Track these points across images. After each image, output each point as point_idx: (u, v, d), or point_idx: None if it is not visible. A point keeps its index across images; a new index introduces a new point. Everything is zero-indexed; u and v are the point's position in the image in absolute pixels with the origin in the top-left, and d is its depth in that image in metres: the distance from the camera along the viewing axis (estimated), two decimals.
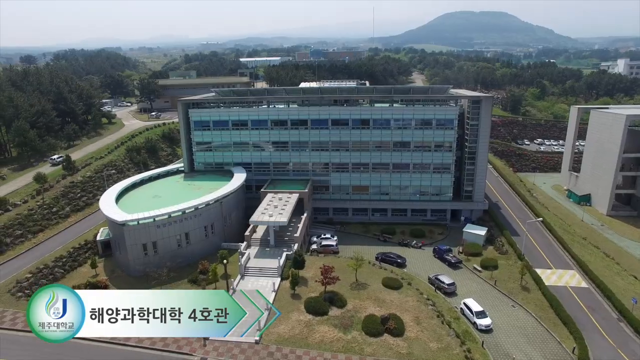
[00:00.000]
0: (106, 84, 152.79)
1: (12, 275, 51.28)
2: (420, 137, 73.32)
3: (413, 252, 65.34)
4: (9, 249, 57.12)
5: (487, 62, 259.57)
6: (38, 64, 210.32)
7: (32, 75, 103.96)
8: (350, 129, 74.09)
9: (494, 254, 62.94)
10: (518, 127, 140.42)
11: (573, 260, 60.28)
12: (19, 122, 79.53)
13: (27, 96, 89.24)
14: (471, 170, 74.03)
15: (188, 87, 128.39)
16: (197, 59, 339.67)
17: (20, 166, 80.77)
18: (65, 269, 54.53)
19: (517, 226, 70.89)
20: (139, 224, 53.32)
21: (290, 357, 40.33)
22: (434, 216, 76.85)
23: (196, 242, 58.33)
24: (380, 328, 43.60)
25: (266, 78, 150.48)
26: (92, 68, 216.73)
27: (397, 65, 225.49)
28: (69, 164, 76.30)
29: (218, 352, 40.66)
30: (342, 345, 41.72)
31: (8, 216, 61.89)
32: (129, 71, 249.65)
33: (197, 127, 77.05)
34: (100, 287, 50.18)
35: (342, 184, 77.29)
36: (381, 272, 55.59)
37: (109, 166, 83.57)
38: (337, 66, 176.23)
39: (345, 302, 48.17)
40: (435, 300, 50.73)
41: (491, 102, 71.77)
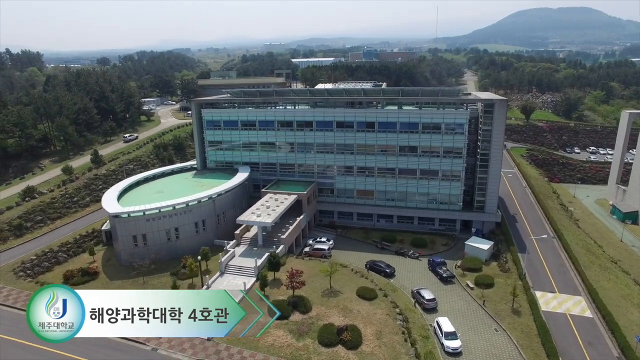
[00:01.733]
0: (155, 84, 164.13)
1: (20, 257, 57.02)
2: (427, 141, 69.69)
3: (408, 262, 62.37)
4: (28, 232, 63.50)
5: (551, 62, 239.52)
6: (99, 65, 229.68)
7: (82, 77, 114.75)
8: (355, 131, 72.46)
9: (494, 271, 58.17)
10: (568, 133, 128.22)
11: (583, 285, 53.84)
12: (60, 119, 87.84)
13: (73, 95, 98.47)
14: (483, 178, 68.97)
15: (225, 86, 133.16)
16: (253, 59, 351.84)
17: (60, 158, 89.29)
18: (69, 254, 59.46)
19: (530, 242, 64.79)
20: (130, 217, 56.57)
21: (235, 357, 40.54)
22: (443, 226, 72.70)
23: (186, 238, 60.58)
24: (335, 339, 42.25)
25: (301, 79, 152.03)
26: (152, 68, 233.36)
27: (447, 67, 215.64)
28: (97, 157, 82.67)
29: (170, 344, 41.99)
30: (290, 352, 41.08)
31: (33, 203, 68.79)
32: (186, 71, 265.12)
33: (209, 126, 79.88)
34: (90, 274, 54.11)
35: (346, 187, 75.84)
36: (360, 281, 53.78)
37: (134, 161, 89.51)
38: (376, 67, 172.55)
39: (309, 308, 47.33)
40: (410, 315, 48.09)
41: (505, 106, 66.19)
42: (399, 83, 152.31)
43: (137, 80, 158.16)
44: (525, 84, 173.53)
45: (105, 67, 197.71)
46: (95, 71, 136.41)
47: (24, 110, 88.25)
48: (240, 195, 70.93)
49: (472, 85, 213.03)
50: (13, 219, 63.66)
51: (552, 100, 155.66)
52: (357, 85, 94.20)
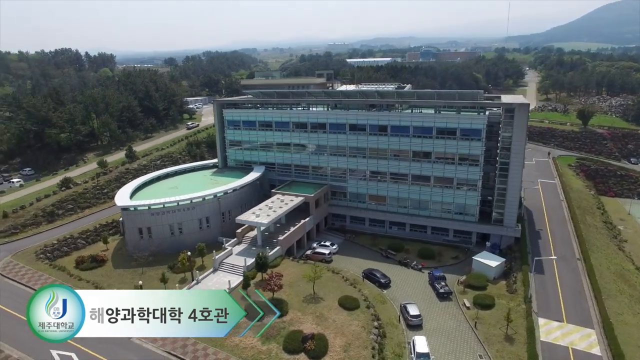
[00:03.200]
0: (205, 83, 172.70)
1: (44, 241, 63.03)
2: (442, 147, 65.79)
3: (410, 273, 59.40)
4: (58, 219, 70.05)
5: (634, 61, 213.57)
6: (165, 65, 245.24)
7: (132, 77, 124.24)
8: (367, 134, 70.52)
9: (499, 291, 53.43)
10: (636, 141, 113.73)
11: (599, 317, 47.53)
12: (104, 116, 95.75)
13: (119, 94, 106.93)
14: (502, 189, 63.56)
15: (266, 86, 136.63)
16: (310, 59, 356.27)
17: (103, 152, 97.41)
18: (87, 241, 64.68)
19: (549, 263, 58.56)
20: (137, 210, 60.12)
21: (199, 354, 41.44)
22: (457, 237, 68.27)
23: (189, 233, 63.02)
24: (299, 346, 41.50)
25: (342, 79, 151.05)
26: (210, 68, 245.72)
27: (505, 67, 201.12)
28: (130, 152, 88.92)
29: None
30: (252, 355, 41.10)
31: (67, 193, 75.78)
32: (243, 71, 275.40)
33: (230, 126, 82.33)
34: (98, 261, 58.37)
35: (359, 191, 74.07)
36: (347, 289, 52.22)
37: (166, 157, 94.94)
38: (421, 68, 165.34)
39: (285, 312, 46.96)
40: (390, 330, 45.84)
41: (527, 111, 60.20)
42: (444, 85, 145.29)
43: (189, 80, 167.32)
44: (592, 86, 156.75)
45: (159, 67, 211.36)
46: (143, 71, 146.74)
47: (76, 107, 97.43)
48: (249, 194, 72.13)
49: (532, 87, 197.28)
50: (47, 206, 70.67)
51: (623, 104, 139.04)
52: (378, 87, 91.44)
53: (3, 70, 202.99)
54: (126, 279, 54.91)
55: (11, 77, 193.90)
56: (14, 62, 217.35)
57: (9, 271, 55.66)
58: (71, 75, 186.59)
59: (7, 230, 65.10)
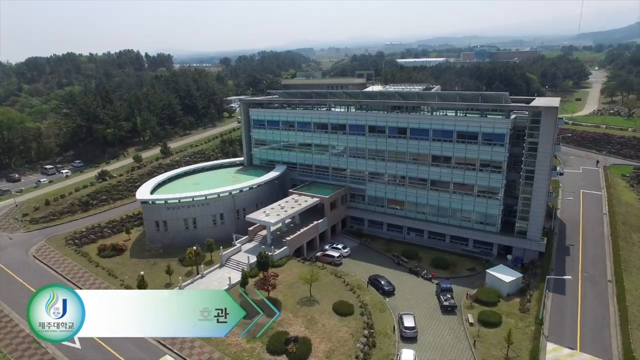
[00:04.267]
0: (249, 83, 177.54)
1: (75, 228, 68.25)
2: (462, 152, 62.30)
3: (419, 282, 56.88)
4: (92, 208, 75.60)
5: None
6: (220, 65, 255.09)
7: (176, 76, 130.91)
8: (386, 137, 68.56)
9: (511, 309, 49.54)
10: None
11: (621, 349, 42.44)
12: (145, 113, 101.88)
13: (161, 93, 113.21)
14: (526, 199, 58.89)
15: (305, 86, 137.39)
16: (362, 59, 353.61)
17: (143, 147, 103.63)
18: (113, 230, 69.19)
19: (573, 282, 53.26)
20: (154, 204, 63.20)
21: (185, 345, 42.74)
22: (477, 248, 64.34)
23: (203, 228, 65.13)
24: (282, 348, 41.36)
25: (382, 80, 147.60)
26: (260, 68, 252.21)
27: (564, 68, 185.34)
28: (165, 148, 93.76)
29: None
30: (235, 351, 41.63)
31: (102, 185, 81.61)
32: (292, 70, 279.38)
33: (255, 125, 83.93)
34: (117, 250, 62.19)
35: (377, 195, 72.26)
36: (345, 294, 51.12)
37: (198, 154, 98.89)
38: (467, 68, 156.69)
39: None
40: (382, 340, 44.25)
41: (555, 115, 55.08)
42: (490, 86, 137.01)
43: (236, 79, 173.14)
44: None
45: (213, 67, 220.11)
46: (187, 71, 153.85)
47: (121, 105, 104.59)
48: (266, 193, 72.95)
49: (596, 88, 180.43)
50: (83, 196, 76.55)
51: None
52: (403, 88, 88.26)
53: (75, 71, 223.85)
54: (139, 268, 57.93)
55: (80, 77, 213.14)
56: (84, 63, 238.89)
57: (40, 254, 61.10)
58: (130, 75, 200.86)
59: (46, 217, 71.50)
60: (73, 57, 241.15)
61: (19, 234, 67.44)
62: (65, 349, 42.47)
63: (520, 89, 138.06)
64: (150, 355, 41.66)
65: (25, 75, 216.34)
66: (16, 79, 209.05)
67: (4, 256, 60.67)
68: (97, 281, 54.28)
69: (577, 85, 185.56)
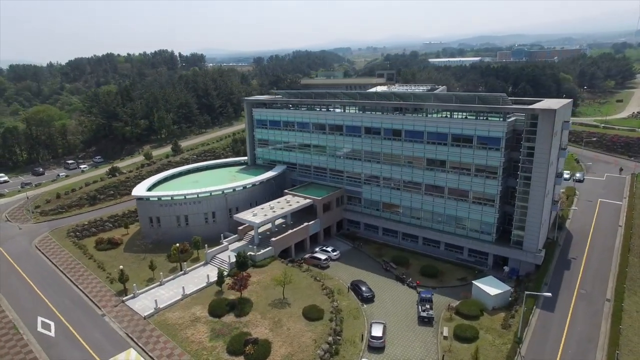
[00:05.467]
0: (273, 82, 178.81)
1: (78, 221, 71.48)
2: (457, 156, 59.50)
3: (403, 290, 54.83)
4: (98, 203, 78.91)
5: None
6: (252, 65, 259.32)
7: (197, 76, 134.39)
8: (382, 138, 66.80)
9: (492, 324, 46.70)
10: None
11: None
12: (161, 112, 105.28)
13: (178, 92, 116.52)
14: (523, 207, 55.32)
15: (325, 86, 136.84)
16: (395, 59, 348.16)
17: (158, 145, 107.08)
18: (114, 225, 71.91)
19: (565, 300, 49.41)
20: (148, 200, 65.01)
21: (151, 340, 43.60)
22: (473, 257, 61.31)
23: (195, 225, 66.26)
24: (240, 349, 41.21)
25: (402, 80, 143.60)
26: (290, 67, 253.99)
27: (607, 67, 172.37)
28: (176, 146, 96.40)
29: (116, 314, 47.68)
30: (195, 349, 41.97)
31: (111, 180, 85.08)
32: (322, 70, 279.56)
33: (258, 125, 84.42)
34: (113, 243, 64.54)
35: (372, 198, 70.58)
36: (319, 299, 50.28)
37: (208, 152, 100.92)
38: (493, 68, 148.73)
39: (245, 313, 47.19)
40: (346, 349, 43.07)
41: (553, 118, 51.12)
42: (516, 87, 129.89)
43: (261, 78, 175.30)
44: None
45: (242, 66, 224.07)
46: (207, 71, 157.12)
47: (140, 104, 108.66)
48: (262, 192, 73.23)
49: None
50: (91, 191, 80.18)
51: None
52: (407, 89, 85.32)
53: (112, 70, 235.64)
54: (129, 262, 59.84)
55: (117, 76, 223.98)
56: (121, 63, 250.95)
57: (42, 245, 64.57)
58: (162, 74, 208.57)
59: (55, 209, 75.49)
60: (112, 58, 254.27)
61: (28, 225, 71.67)
62: (40, 336, 44.58)
63: (550, 89, 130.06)
64: (116, 347, 42.83)
65: (69, 75, 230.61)
66: (60, 78, 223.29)
67: (10, 245, 64.69)
68: (86, 273, 56.56)
69: (621, 85, 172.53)
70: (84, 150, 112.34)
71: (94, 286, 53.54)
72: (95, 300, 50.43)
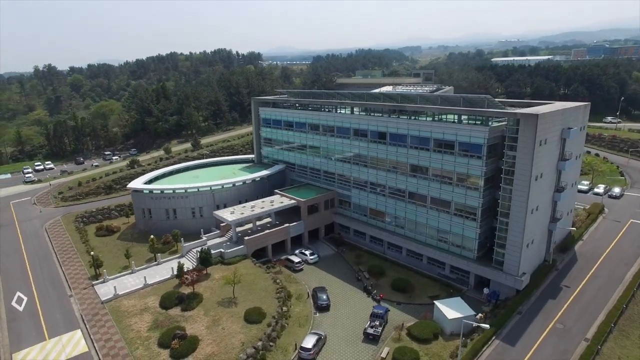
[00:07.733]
0: (313, 81, 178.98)
1: (89, 208, 77.69)
2: (439, 162, 55.04)
3: (367, 302, 52.01)
4: (113, 192, 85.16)
5: None
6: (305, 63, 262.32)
7: (232, 74, 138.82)
8: (368, 141, 63.99)
9: (441, 350, 42.52)
10: None
11: None
12: (188, 109, 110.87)
13: (209, 89, 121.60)
14: (503, 223, 49.67)
15: (361, 85, 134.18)
16: (460, 58, 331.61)
17: (185, 140, 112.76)
18: (120, 213, 77.11)
19: (532, 335, 43.29)
20: (141, 192, 68.78)
21: (99, 324, 46.38)
22: (454, 274, 56.42)
23: (182, 219, 68.83)
24: (168, 343, 42.05)
25: (436, 80, 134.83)
26: (344, 66, 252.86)
27: None
28: (196, 142, 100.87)
29: (81, 296, 51.23)
30: (131, 337, 43.74)
31: (128, 172, 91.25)
32: (377, 68, 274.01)
33: (264, 124, 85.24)
34: (109, 231, 69.33)
35: (360, 203, 67.95)
36: (268, 302, 49.52)
37: (227, 149, 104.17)
38: (543, 68, 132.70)
39: (191, 308, 48.17)
40: (276, 357, 42.05)
41: (535, 124, 44.71)
42: (568, 88, 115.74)
43: (302, 77, 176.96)
44: None
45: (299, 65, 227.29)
46: (243, 70, 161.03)
47: (172, 101, 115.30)
48: (252, 190, 73.85)
49: None
50: (108, 181, 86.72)
51: None
52: (411, 90, 79.87)
53: (173, 68, 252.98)
54: (117, 248, 64.06)
55: (177, 73, 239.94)
56: (182, 62, 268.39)
57: (50, 228, 71.36)
58: (217, 72, 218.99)
59: (74, 196, 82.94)
60: (174, 56, 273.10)
61: (49, 209, 79.63)
62: (10, 310, 49.30)
63: (609, 91, 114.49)
64: (68, 327, 45.94)
65: (135, 73, 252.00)
66: (127, 76, 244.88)
67: (26, 226, 72.40)
68: (74, 256, 61.40)
69: None
70: (122, 142, 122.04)
71: (75, 269, 57.96)
72: (70, 282, 54.56)
